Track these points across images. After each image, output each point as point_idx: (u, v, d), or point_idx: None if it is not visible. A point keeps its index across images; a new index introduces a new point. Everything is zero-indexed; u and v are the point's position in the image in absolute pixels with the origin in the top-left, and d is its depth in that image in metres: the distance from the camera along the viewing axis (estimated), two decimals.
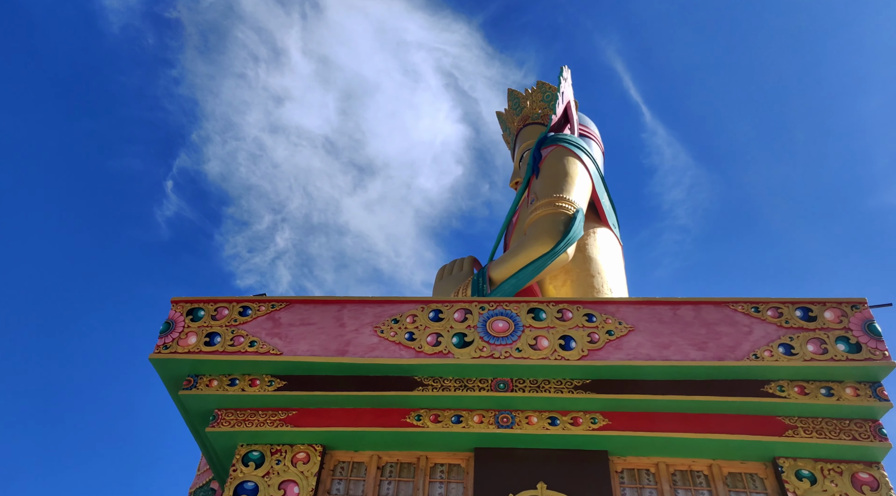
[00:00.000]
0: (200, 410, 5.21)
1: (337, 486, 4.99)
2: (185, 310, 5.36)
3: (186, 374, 5.19)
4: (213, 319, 5.30)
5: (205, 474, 7.72)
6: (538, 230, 8.17)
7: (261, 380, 5.13)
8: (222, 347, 5.13)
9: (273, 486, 4.84)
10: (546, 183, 8.73)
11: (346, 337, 5.15)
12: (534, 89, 11.23)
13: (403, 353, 5.03)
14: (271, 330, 5.23)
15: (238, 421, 5.10)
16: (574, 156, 9.23)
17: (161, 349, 5.13)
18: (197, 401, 5.15)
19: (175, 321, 5.29)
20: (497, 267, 8.25)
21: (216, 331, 5.22)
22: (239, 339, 5.18)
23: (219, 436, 5.10)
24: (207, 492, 7.56)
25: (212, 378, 5.15)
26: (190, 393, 5.09)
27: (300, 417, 5.11)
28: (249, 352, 5.10)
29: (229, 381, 5.14)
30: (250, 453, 5.06)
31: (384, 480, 5.02)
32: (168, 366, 5.13)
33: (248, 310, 5.36)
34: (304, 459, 5.01)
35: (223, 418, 5.11)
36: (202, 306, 5.38)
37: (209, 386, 5.12)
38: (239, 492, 4.82)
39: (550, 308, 5.26)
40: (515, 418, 4.98)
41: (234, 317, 5.32)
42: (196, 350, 5.12)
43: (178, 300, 5.43)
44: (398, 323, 5.24)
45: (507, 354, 4.97)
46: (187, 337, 5.19)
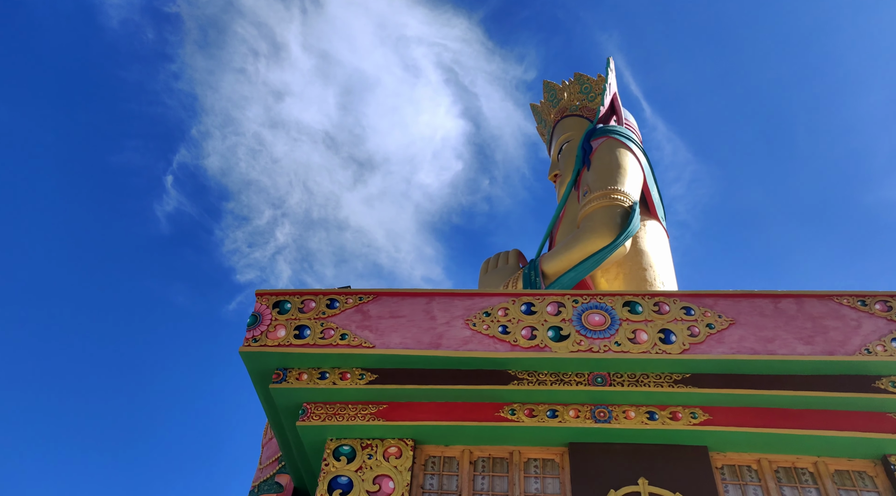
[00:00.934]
0: (288, 404, 5.17)
1: (430, 481, 4.93)
2: (271, 302, 5.30)
3: (275, 368, 5.13)
4: (301, 312, 5.24)
5: (268, 468, 7.69)
6: (594, 223, 8.06)
7: (351, 374, 5.07)
8: (313, 340, 5.07)
9: (367, 481, 4.79)
10: (599, 175, 8.60)
11: (438, 330, 5.07)
12: (571, 81, 11.06)
13: (498, 347, 4.94)
14: (361, 322, 5.16)
15: (328, 415, 5.04)
16: (626, 147, 9.10)
17: (250, 342, 5.07)
18: (286, 395, 5.10)
19: (262, 314, 5.23)
20: (550, 260, 8.14)
21: (305, 324, 5.16)
22: (329, 332, 5.12)
23: (308, 430, 5.05)
24: (272, 486, 7.54)
25: (301, 371, 5.10)
26: (280, 386, 5.03)
27: (391, 411, 5.04)
28: (341, 345, 5.04)
29: (319, 375, 5.08)
30: (341, 447, 5.00)
31: (477, 475, 4.95)
32: (257, 359, 5.08)
33: (336, 302, 5.29)
34: (396, 454, 4.95)
35: (313, 412, 5.06)
36: (288, 299, 5.32)
37: (299, 379, 5.06)
38: (333, 486, 4.77)
39: (646, 301, 5.14)
40: (612, 413, 4.88)
41: (321, 309, 5.25)
42: (286, 343, 5.06)
43: (263, 292, 5.37)
44: (490, 316, 5.15)
45: (606, 348, 4.88)
46: (276, 330, 5.13)
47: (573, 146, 10.17)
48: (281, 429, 5.66)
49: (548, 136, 11.46)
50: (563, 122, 10.71)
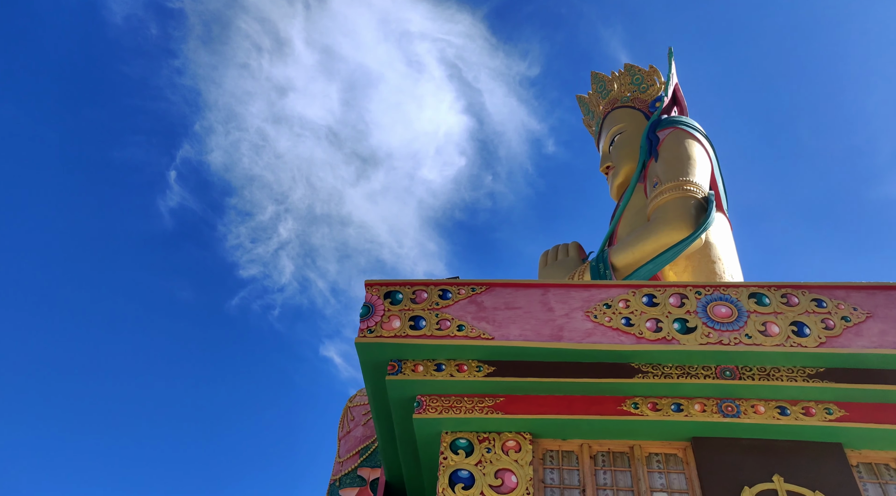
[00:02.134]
0: (401, 397, 5.09)
1: (550, 476, 4.83)
2: (382, 293, 5.22)
3: (388, 359, 5.06)
4: (413, 303, 5.16)
5: (349, 461, 7.64)
6: (668, 214, 7.89)
7: (468, 366, 4.98)
8: (429, 331, 4.98)
9: (489, 475, 4.70)
10: (669, 166, 8.41)
11: (558, 321, 4.96)
12: (621, 72, 10.85)
13: (623, 339, 4.81)
14: (476, 314, 5.06)
15: (444, 407, 4.96)
16: (694, 138, 8.91)
17: (366, 333, 5.00)
18: (400, 388, 5.02)
19: (374, 305, 5.16)
20: (620, 252, 7.99)
21: (420, 315, 5.08)
22: (445, 323, 5.02)
23: (424, 423, 4.97)
24: (354, 480, 7.49)
25: (416, 363, 5.02)
26: (396, 378, 4.96)
27: (508, 404, 4.94)
28: (458, 336, 4.95)
29: (435, 367, 4.99)
30: (457, 441, 4.92)
31: (598, 469, 4.83)
32: (372, 350, 5.01)
33: (449, 293, 5.20)
34: (514, 447, 4.85)
35: (428, 405, 4.97)
36: (399, 289, 5.24)
37: (415, 371, 4.98)
38: (454, 480, 4.68)
39: (773, 293, 4.98)
40: (741, 407, 4.73)
41: (434, 300, 5.17)
42: (402, 334, 4.98)
43: (373, 283, 5.30)
44: (610, 307, 5.02)
45: (736, 341, 4.72)
46: (390, 320, 5.06)
47: (627, 138, 9.99)
48: (386, 422, 5.59)
49: (596, 127, 11.26)
50: (614, 114, 10.52)
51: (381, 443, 5.90)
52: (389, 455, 6.02)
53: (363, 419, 7.91)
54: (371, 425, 7.86)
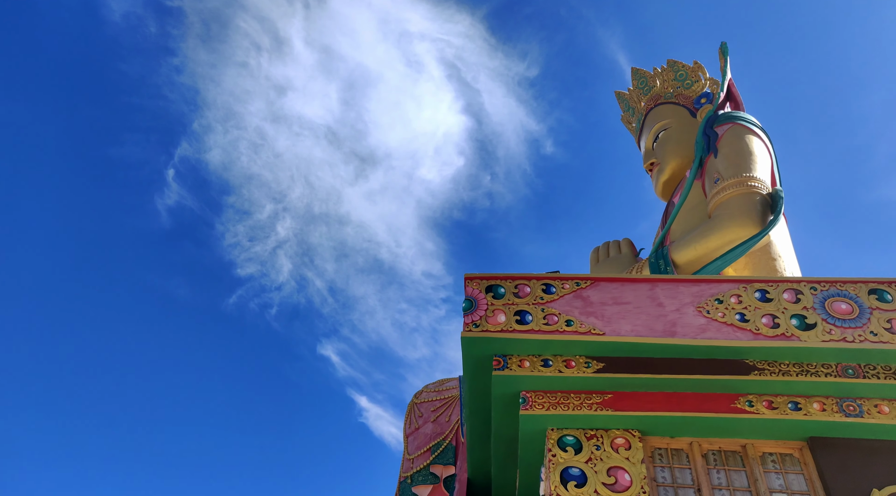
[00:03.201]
0: (504, 393, 5.01)
1: (662, 474, 4.72)
2: (483, 287, 5.14)
3: (493, 354, 4.98)
4: (517, 297, 5.07)
5: (420, 458, 7.56)
6: (733, 210, 7.75)
7: (576, 362, 4.89)
8: (537, 326, 4.89)
9: (601, 473, 4.60)
10: (731, 162, 8.26)
11: (669, 317, 4.85)
12: (664, 68, 10.68)
13: (739, 335, 4.69)
14: (584, 309, 4.96)
15: (551, 404, 4.87)
16: (754, 133, 8.75)
17: (471, 327, 4.93)
18: (505, 383, 4.94)
19: (476, 299, 5.08)
20: (682, 249, 7.85)
21: (525, 310, 4.99)
22: (553, 318, 4.93)
23: (530, 419, 4.88)
24: (427, 477, 7.42)
25: (523, 358, 4.93)
26: (502, 374, 4.88)
27: (616, 401, 4.84)
28: (567, 331, 4.86)
29: (542, 362, 4.90)
30: (564, 438, 4.82)
31: (711, 468, 4.71)
32: (478, 345, 4.93)
33: (553, 287, 5.11)
34: (624, 445, 4.75)
35: (534, 401, 4.89)
36: (500, 283, 5.16)
37: (521, 366, 4.90)
38: (566, 478, 4.59)
39: (895, 289, 4.82)
40: (863, 406, 4.59)
41: (538, 294, 5.08)
42: (508, 328, 4.90)
43: (473, 277, 5.22)
44: (722, 303, 4.90)
45: (861, 338, 4.58)
46: (495, 315, 4.97)
47: (672, 134, 9.86)
48: (481, 418, 5.52)
49: (637, 124, 11.11)
50: (657, 110, 10.37)
51: (471, 439, 5.82)
52: (478, 452, 5.95)
53: (432, 415, 7.84)
54: (441, 421, 7.79)
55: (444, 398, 7.80)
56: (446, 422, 7.61)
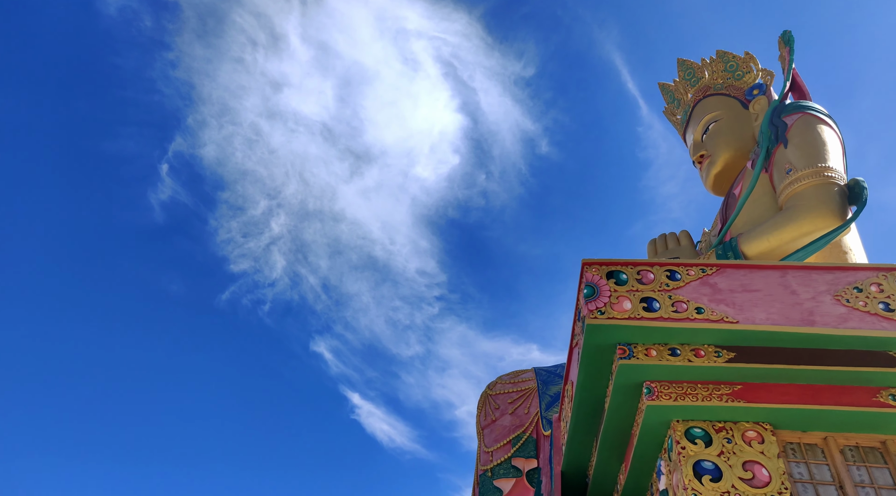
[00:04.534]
0: (627, 382, 4.80)
1: (798, 470, 4.51)
2: (604, 273, 4.94)
3: (617, 342, 4.78)
4: (640, 283, 4.87)
5: (500, 451, 7.39)
6: (810, 201, 7.52)
7: (705, 351, 4.68)
8: (665, 313, 4.69)
9: (736, 467, 4.40)
10: (804, 152, 8.01)
11: (806, 305, 4.64)
12: (713, 59, 10.40)
13: (885, 325, 4.48)
14: (712, 296, 4.76)
15: (678, 395, 4.67)
16: (826, 123, 8.50)
17: (596, 314, 4.73)
18: (630, 373, 4.74)
19: (598, 285, 4.88)
20: (752, 241, 7.63)
21: (651, 297, 4.79)
22: (681, 305, 4.73)
23: (655, 410, 4.69)
24: (509, 471, 7.25)
25: (649, 347, 4.73)
26: (628, 363, 4.68)
27: (746, 392, 4.64)
28: (698, 319, 4.65)
29: (669, 351, 4.70)
30: (692, 430, 4.63)
31: (851, 465, 4.51)
32: (602, 333, 4.73)
33: (677, 274, 4.91)
34: (756, 438, 4.55)
35: (660, 391, 4.69)
36: (622, 269, 4.96)
37: (648, 355, 4.70)
38: (699, 471, 4.39)
39: None
40: None
41: (663, 281, 4.87)
42: (635, 316, 4.70)
43: (591, 262, 5.02)
44: (862, 292, 4.69)
45: None
46: (620, 302, 4.77)
47: (724, 125, 9.62)
48: (590, 409, 5.33)
49: (683, 116, 10.86)
50: (706, 102, 10.11)
51: (573, 432, 5.63)
52: (577, 445, 5.76)
53: (509, 407, 7.66)
54: (520, 413, 7.61)
55: (520, 390, 7.62)
56: (525, 414, 7.43)
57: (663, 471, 4.83)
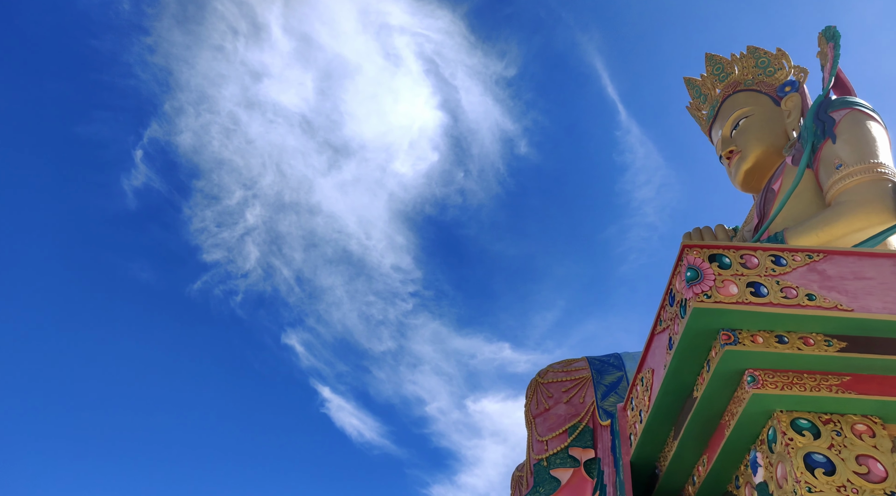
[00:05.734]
0: (728, 370, 4.61)
1: None
2: (706, 256, 4.74)
3: (720, 328, 4.58)
4: (745, 268, 4.67)
5: (555, 440, 7.18)
6: (864, 197, 7.35)
7: (815, 340, 4.49)
8: (774, 299, 4.49)
9: (849, 461, 4.22)
10: (854, 148, 7.84)
11: None
12: (743, 55, 10.22)
13: None
14: (822, 283, 4.57)
15: (784, 384, 4.48)
16: (874, 119, 8.33)
17: (703, 298, 4.53)
18: (732, 359, 4.55)
19: (701, 269, 4.68)
20: (802, 236, 7.46)
21: (759, 282, 4.59)
22: (791, 291, 4.53)
23: (759, 399, 4.50)
24: (566, 460, 7.05)
25: (755, 334, 4.53)
26: (734, 349, 4.49)
27: (856, 383, 4.45)
28: (809, 306, 4.45)
29: (777, 338, 4.51)
30: (797, 421, 4.44)
31: None
32: (708, 317, 4.53)
33: (783, 259, 4.71)
34: (867, 432, 4.37)
35: (765, 380, 4.50)
36: (724, 253, 4.76)
37: (753, 342, 4.50)
38: (810, 464, 4.21)
39: None
40: None
41: (768, 266, 4.67)
42: (743, 300, 4.50)
43: (692, 245, 4.81)
44: None
45: None
46: (726, 286, 4.57)
47: (755, 121, 9.45)
48: (675, 397, 5.14)
49: (710, 111, 10.66)
50: (736, 97, 9.92)
51: (652, 421, 5.44)
52: (655, 434, 5.57)
53: (563, 396, 7.46)
54: (575, 403, 7.41)
55: (574, 378, 7.42)
56: (580, 403, 7.24)
57: (760, 464, 4.65)
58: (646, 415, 5.58)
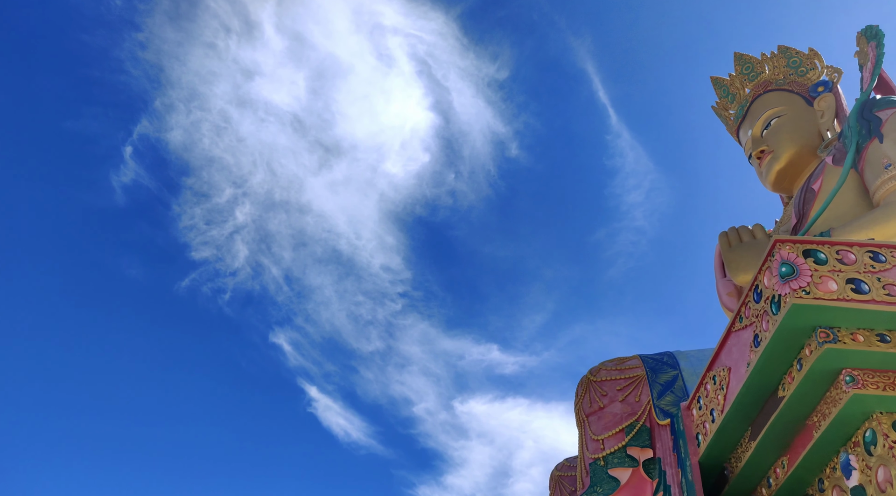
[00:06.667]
0: (825, 369, 4.46)
1: None
2: (800, 251, 4.58)
3: (818, 325, 4.42)
4: (842, 264, 4.51)
5: (612, 439, 7.02)
6: None
7: None
8: (878, 296, 4.33)
9: None
10: None
11: None
12: (774, 54, 10.06)
13: None
14: None
15: (886, 384, 4.32)
16: None
17: (801, 294, 4.36)
18: (830, 358, 4.39)
19: (796, 264, 4.51)
20: (851, 234, 7.32)
21: (859, 278, 4.43)
22: (894, 289, 4.38)
23: (859, 400, 4.34)
24: (624, 460, 6.91)
25: (855, 332, 4.38)
26: (834, 347, 4.33)
27: None
28: None
29: (878, 337, 4.35)
30: None
31: None
32: (805, 314, 4.37)
33: (881, 255, 4.55)
34: None
35: (865, 380, 4.34)
36: (819, 248, 4.60)
37: (854, 340, 4.35)
38: None
39: None
40: None
41: (867, 262, 4.51)
42: (844, 297, 4.34)
43: (785, 240, 4.65)
44: None
45: None
46: (824, 282, 4.41)
47: (788, 121, 9.33)
48: (756, 397, 4.99)
49: (739, 110, 10.52)
50: (767, 97, 9.79)
51: (728, 420, 5.28)
52: (730, 434, 5.41)
53: (619, 395, 7.31)
54: (630, 401, 7.26)
55: (629, 377, 7.27)
56: (636, 402, 7.09)
57: (854, 466, 4.50)
58: (719, 414, 5.43)
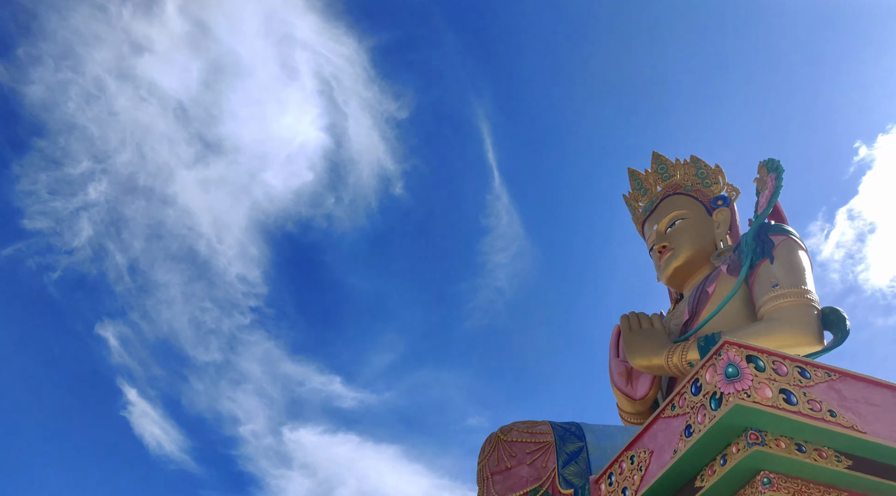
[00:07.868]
0: (749, 468, 4.91)
1: None
2: (744, 356, 5.06)
3: (749, 427, 4.88)
4: (777, 374, 5.02)
5: None
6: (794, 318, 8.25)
7: (827, 454, 4.88)
8: (803, 409, 4.85)
9: None
10: (790, 272, 8.78)
11: None
12: (686, 162, 11.26)
13: None
14: (840, 402, 4.99)
15: (795, 491, 4.83)
16: (804, 250, 9.37)
17: (743, 396, 4.82)
18: (754, 459, 4.85)
19: (740, 367, 4.99)
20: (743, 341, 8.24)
21: (789, 390, 4.95)
22: (816, 405, 4.92)
23: None
24: None
25: (779, 439, 4.87)
26: (762, 449, 4.79)
27: None
28: (831, 421, 4.85)
29: (797, 446, 4.86)
30: None
31: None
32: (745, 415, 4.82)
33: (807, 372, 5.11)
34: None
35: (779, 484, 4.83)
36: (759, 356, 5.10)
37: (777, 446, 4.83)
38: None
39: None
40: None
41: (796, 377, 5.06)
42: (777, 405, 4.83)
43: (733, 343, 5.13)
44: None
45: None
46: (762, 388, 4.90)
47: (690, 224, 10.30)
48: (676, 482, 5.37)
49: (647, 205, 11.55)
50: (676, 198, 10.85)
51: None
52: None
53: (527, 458, 7.56)
54: (537, 466, 7.52)
55: (539, 442, 7.55)
56: (542, 467, 7.36)
57: None
58: (632, 493, 5.79)
